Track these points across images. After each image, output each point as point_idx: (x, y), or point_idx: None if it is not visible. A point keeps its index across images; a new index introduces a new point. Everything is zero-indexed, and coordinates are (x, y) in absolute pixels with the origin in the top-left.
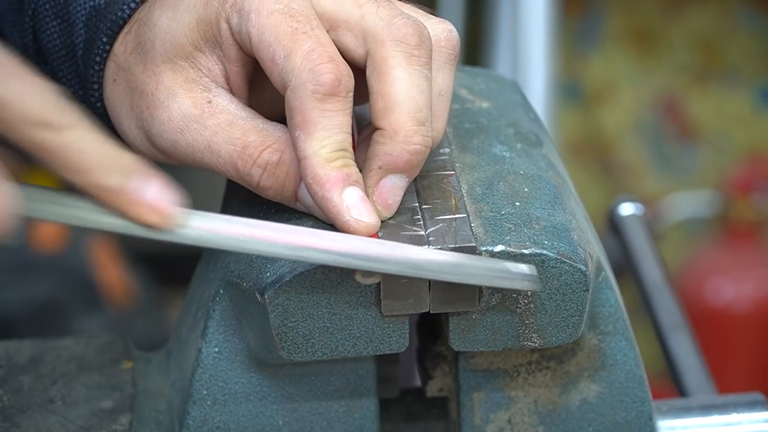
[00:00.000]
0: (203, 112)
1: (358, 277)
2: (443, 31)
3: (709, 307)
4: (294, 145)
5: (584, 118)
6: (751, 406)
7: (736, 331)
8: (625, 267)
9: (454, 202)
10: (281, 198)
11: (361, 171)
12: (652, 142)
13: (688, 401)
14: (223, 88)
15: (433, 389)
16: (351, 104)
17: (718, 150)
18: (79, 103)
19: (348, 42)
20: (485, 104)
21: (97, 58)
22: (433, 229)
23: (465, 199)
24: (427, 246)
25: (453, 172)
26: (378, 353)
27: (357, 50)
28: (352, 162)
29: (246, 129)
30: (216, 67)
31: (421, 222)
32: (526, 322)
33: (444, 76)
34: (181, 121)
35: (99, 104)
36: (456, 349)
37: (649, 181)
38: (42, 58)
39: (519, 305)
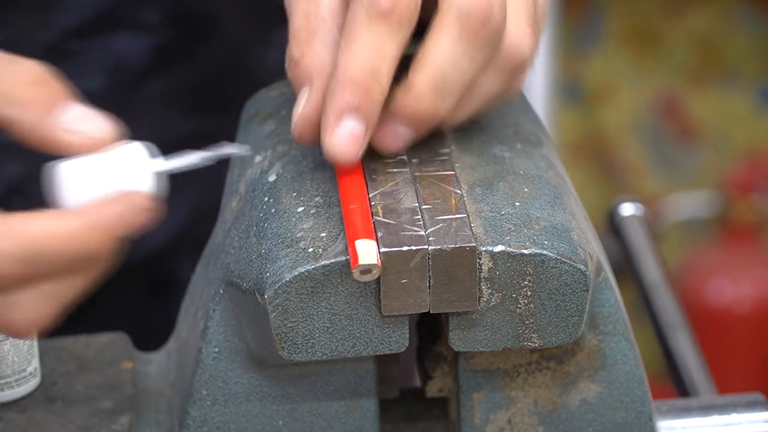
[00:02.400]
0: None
1: (356, 275)
2: None
3: (709, 307)
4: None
5: (584, 118)
6: (752, 406)
7: (736, 331)
8: (625, 267)
9: (454, 203)
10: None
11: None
12: (652, 142)
13: (688, 401)
14: None
15: (432, 389)
16: (403, 38)
17: (718, 150)
18: None
19: None
20: None
21: None
22: (433, 229)
23: (465, 199)
24: (427, 246)
25: (453, 173)
26: (378, 353)
27: None
28: (378, 93)
29: (310, 39)
30: None
31: (421, 222)
32: (526, 322)
33: None
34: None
35: None
36: (456, 349)
37: (649, 181)
38: None
39: (519, 305)
